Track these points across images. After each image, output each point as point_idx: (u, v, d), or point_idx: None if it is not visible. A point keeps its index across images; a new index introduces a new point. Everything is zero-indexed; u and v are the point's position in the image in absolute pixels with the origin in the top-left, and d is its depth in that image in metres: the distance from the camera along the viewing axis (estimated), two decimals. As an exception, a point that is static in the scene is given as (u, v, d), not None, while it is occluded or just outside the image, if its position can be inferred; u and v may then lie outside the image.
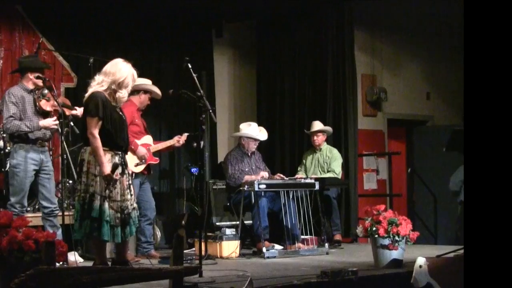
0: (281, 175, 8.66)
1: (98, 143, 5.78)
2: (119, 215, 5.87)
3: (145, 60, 9.84)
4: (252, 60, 11.44)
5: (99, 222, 5.77)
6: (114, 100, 5.96)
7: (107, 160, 5.84)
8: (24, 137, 6.88)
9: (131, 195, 6.00)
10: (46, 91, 6.87)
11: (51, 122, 6.86)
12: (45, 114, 6.93)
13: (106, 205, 5.80)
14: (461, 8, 4.31)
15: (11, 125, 6.84)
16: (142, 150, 7.52)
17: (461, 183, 9.46)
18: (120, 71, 5.95)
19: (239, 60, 11.45)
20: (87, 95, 5.97)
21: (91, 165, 5.84)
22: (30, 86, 6.98)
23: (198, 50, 10.44)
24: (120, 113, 6.07)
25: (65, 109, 6.96)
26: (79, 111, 6.79)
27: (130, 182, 6.06)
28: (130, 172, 6.26)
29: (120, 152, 5.97)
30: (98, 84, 5.94)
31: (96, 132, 5.80)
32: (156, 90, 7.81)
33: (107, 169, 5.77)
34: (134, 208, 6.01)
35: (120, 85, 5.93)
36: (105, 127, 5.86)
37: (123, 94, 5.98)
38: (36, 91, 6.92)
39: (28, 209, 7.41)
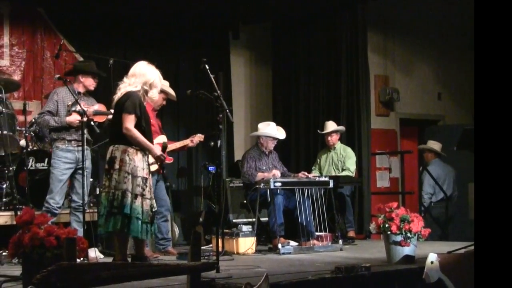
0: (306, 173, 8.74)
1: (136, 133, 5.93)
2: (150, 212, 6.01)
3: (163, 61, 9.85)
4: (267, 61, 11.51)
5: (130, 218, 5.90)
6: (144, 101, 6.14)
7: (139, 160, 5.98)
8: (61, 137, 7.11)
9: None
10: (74, 108, 7.03)
11: (77, 118, 7.03)
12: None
13: (137, 202, 5.92)
14: (471, 10, 4.35)
15: (42, 119, 7.14)
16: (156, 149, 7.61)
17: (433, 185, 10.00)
18: (149, 72, 6.14)
19: (255, 61, 11.52)
20: (120, 93, 6.09)
21: (123, 163, 5.95)
22: (80, 89, 7.22)
23: (215, 52, 10.52)
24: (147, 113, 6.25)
25: (102, 116, 7.12)
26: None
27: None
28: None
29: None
30: (130, 85, 6.08)
31: (131, 126, 5.93)
32: (170, 90, 7.82)
33: (157, 150, 5.96)
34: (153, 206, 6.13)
35: (151, 85, 6.13)
36: (141, 126, 6.01)
37: (154, 93, 6.18)
38: (68, 104, 7.11)
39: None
